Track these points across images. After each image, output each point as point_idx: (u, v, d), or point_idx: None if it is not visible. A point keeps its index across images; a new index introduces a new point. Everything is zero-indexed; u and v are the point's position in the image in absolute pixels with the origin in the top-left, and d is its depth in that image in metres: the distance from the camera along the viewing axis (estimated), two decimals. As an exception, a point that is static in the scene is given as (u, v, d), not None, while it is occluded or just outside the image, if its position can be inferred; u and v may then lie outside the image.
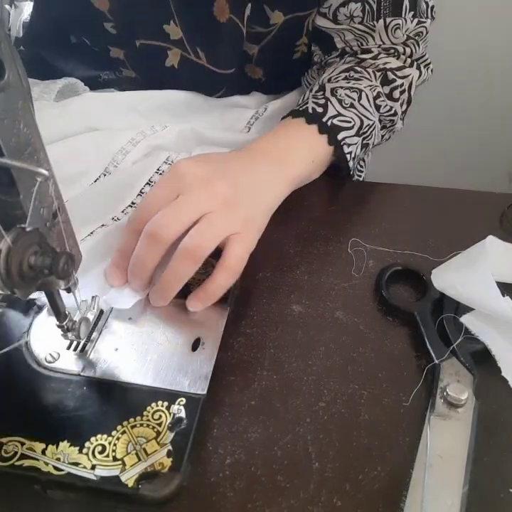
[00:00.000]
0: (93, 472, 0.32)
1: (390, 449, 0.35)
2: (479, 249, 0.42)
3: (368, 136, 0.54)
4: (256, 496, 0.32)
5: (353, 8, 0.54)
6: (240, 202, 0.42)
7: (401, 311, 0.42)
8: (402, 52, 0.56)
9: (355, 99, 0.52)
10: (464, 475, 0.32)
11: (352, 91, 0.53)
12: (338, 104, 0.51)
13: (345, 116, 0.51)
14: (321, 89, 0.54)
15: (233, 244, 0.40)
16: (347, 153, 0.51)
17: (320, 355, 0.40)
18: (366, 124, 0.53)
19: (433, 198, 0.54)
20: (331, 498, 0.32)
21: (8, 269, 0.26)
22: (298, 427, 0.36)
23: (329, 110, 0.51)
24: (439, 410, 0.36)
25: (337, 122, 0.51)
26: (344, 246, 0.48)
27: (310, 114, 0.51)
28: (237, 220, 0.41)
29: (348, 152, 0.52)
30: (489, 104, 1.15)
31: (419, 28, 0.57)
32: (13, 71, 0.26)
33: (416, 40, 0.57)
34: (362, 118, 0.52)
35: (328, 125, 0.50)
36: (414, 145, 1.24)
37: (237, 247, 0.40)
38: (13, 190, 0.28)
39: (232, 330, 0.41)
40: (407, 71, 0.57)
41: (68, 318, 0.37)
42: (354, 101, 0.52)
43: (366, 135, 0.53)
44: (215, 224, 0.39)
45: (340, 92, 0.52)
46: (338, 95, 0.52)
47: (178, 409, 0.35)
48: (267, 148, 0.48)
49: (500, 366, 0.38)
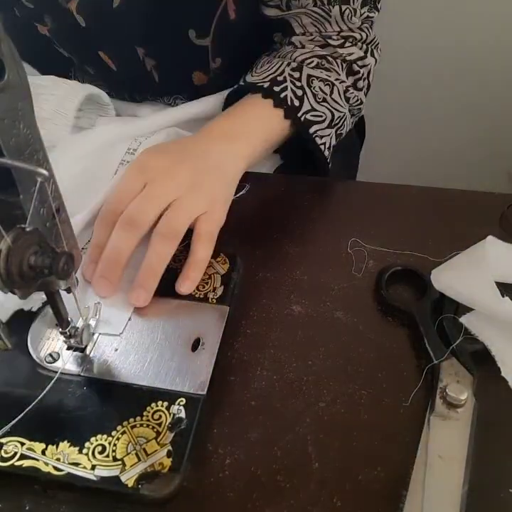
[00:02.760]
0: (93, 472, 0.32)
1: (389, 449, 0.35)
2: (479, 249, 0.42)
3: (341, 127, 0.58)
4: (256, 496, 0.32)
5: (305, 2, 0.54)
6: (202, 184, 0.45)
7: (401, 311, 0.42)
8: (359, 38, 0.58)
9: (327, 94, 0.56)
10: (464, 475, 0.32)
11: (325, 84, 0.56)
12: (313, 98, 0.55)
13: (317, 111, 0.55)
14: (298, 70, 0.55)
15: (202, 223, 0.44)
16: (320, 144, 0.56)
17: (320, 355, 0.40)
18: (337, 116, 0.57)
19: (433, 198, 0.54)
20: (331, 498, 0.32)
21: (8, 269, 0.26)
22: (298, 427, 0.36)
23: (304, 105, 0.54)
24: (439, 410, 0.36)
25: (310, 117, 0.54)
26: (344, 246, 0.48)
27: (288, 106, 0.53)
28: (202, 200, 0.45)
29: (322, 143, 0.56)
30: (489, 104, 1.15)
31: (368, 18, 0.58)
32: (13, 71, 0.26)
33: (368, 23, 0.58)
34: (333, 111, 0.56)
35: (302, 121, 0.54)
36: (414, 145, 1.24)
37: (206, 224, 0.44)
38: (13, 190, 0.28)
39: (232, 330, 0.41)
40: (367, 61, 0.59)
41: (71, 325, 0.37)
42: (326, 95, 0.56)
43: (338, 126, 0.58)
44: (183, 208, 0.43)
45: (315, 84, 0.55)
46: (313, 88, 0.55)
47: (178, 410, 0.35)
48: (224, 129, 0.52)
49: (500, 366, 0.38)
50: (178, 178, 0.44)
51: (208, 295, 0.42)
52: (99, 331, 0.40)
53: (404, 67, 1.11)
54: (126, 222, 0.41)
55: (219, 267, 0.45)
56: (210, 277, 0.44)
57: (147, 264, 0.41)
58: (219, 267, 0.45)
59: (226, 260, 0.45)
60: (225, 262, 0.45)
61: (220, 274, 0.44)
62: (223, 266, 0.45)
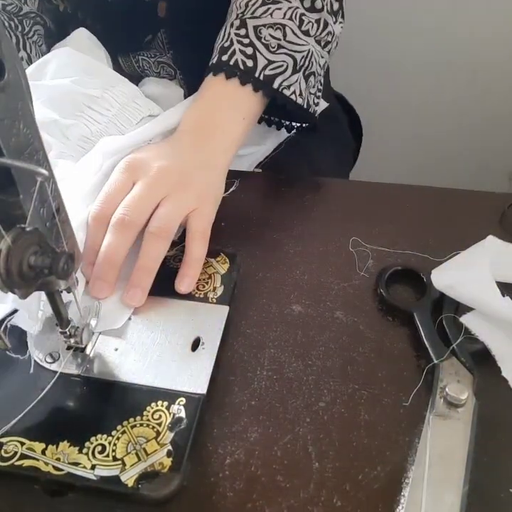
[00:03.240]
0: (93, 472, 0.32)
1: (390, 449, 0.35)
2: (479, 249, 0.42)
3: (309, 66, 0.53)
4: (256, 496, 0.32)
5: None
6: (190, 180, 0.45)
7: (401, 311, 0.42)
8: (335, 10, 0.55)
9: (280, 39, 0.51)
10: (464, 475, 0.32)
11: (275, 28, 0.51)
12: (266, 49, 0.51)
13: (276, 62, 0.51)
14: (242, 27, 0.51)
15: (194, 220, 0.44)
16: (290, 94, 0.52)
17: (320, 355, 0.40)
18: (300, 57, 0.52)
19: (433, 198, 0.54)
20: (331, 498, 0.32)
21: (8, 269, 0.26)
22: (298, 427, 0.36)
23: (259, 61, 0.50)
24: (439, 410, 0.36)
25: (269, 72, 0.51)
26: (344, 246, 0.48)
27: (242, 71, 0.50)
28: (191, 197, 0.45)
29: (292, 93, 0.52)
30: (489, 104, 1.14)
31: None
32: (13, 71, 0.26)
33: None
34: (293, 54, 0.52)
35: (262, 79, 0.50)
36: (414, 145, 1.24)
37: (197, 220, 0.45)
38: (13, 190, 0.28)
39: (232, 330, 0.41)
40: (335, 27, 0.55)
41: (71, 324, 0.37)
42: (280, 41, 0.51)
43: (306, 66, 0.53)
44: (173, 206, 0.43)
45: (264, 34, 0.51)
46: (263, 38, 0.51)
47: (177, 409, 0.35)
48: (200, 125, 0.50)
49: (500, 366, 0.37)
50: (166, 177, 0.44)
51: (207, 295, 0.42)
52: (99, 330, 0.40)
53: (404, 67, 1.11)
54: (119, 223, 0.42)
55: (219, 267, 0.45)
56: (210, 277, 0.44)
57: (141, 264, 0.42)
58: (219, 266, 0.45)
59: (226, 260, 0.45)
60: (225, 261, 0.45)
61: (220, 274, 0.44)
62: (223, 266, 0.45)
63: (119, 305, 0.41)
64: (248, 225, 0.50)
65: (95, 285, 0.41)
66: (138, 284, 0.41)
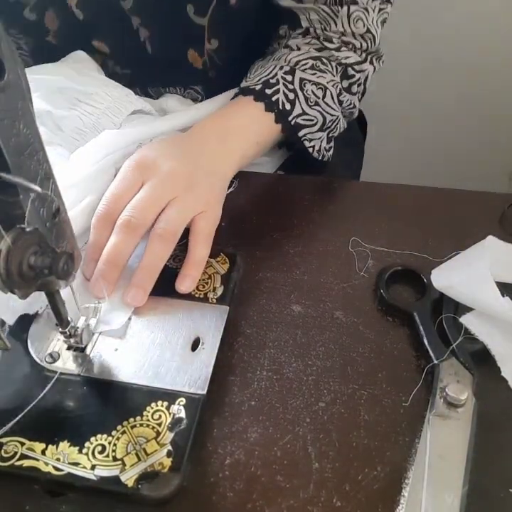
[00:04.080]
0: (93, 472, 0.32)
1: (389, 449, 0.35)
2: (479, 249, 0.42)
3: (333, 130, 0.59)
4: (256, 496, 0.32)
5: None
6: (198, 184, 0.46)
7: (401, 311, 0.42)
8: (358, 46, 0.59)
9: (319, 97, 0.56)
10: (464, 475, 0.32)
11: (318, 88, 0.56)
12: (304, 101, 0.55)
13: (308, 115, 0.55)
14: (290, 73, 0.55)
15: (200, 223, 0.45)
16: (308, 147, 0.57)
17: (320, 355, 0.40)
18: (329, 119, 0.57)
19: (433, 198, 0.54)
20: (330, 498, 0.32)
21: (8, 269, 0.26)
22: (298, 427, 0.36)
23: (296, 109, 0.54)
24: (439, 410, 0.36)
25: (300, 121, 0.55)
26: (344, 246, 0.48)
27: (280, 110, 0.54)
28: (199, 200, 0.45)
29: (310, 146, 0.57)
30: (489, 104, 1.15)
31: (382, 15, 0.59)
32: (13, 71, 0.26)
33: (373, 35, 0.59)
34: (325, 115, 0.57)
35: (292, 124, 0.54)
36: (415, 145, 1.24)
37: (203, 223, 0.45)
38: (13, 190, 0.28)
39: (232, 330, 0.41)
40: (364, 66, 0.59)
41: (70, 324, 0.37)
42: (319, 99, 0.56)
43: (331, 129, 0.59)
44: (180, 209, 0.44)
45: (307, 88, 0.56)
46: (305, 91, 0.55)
47: (177, 410, 0.35)
48: (217, 129, 0.52)
49: (500, 366, 0.38)
50: (175, 179, 0.45)
51: (207, 295, 0.42)
52: (98, 331, 0.40)
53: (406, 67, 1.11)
54: (125, 225, 0.42)
55: (219, 267, 0.45)
56: (210, 277, 0.44)
57: (144, 265, 0.42)
58: (219, 266, 0.45)
59: (226, 260, 0.45)
60: (225, 261, 0.45)
61: (220, 274, 0.44)
62: (223, 266, 0.45)
63: (118, 305, 0.41)
64: (248, 225, 0.50)
65: (96, 284, 0.41)
66: (140, 284, 0.41)
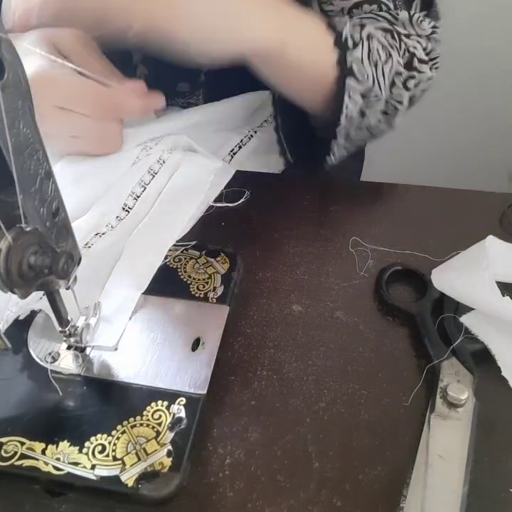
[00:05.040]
0: (93, 472, 0.32)
1: (390, 449, 0.35)
2: (479, 249, 0.42)
3: (368, 106, 0.51)
4: (256, 496, 0.32)
5: (368, 10, 0.52)
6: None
7: (401, 311, 0.42)
8: (424, 47, 0.54)
9: (381, 59, 0.50)
10: (464, 475, 0.32)
11: (383, 50, 0.50)
12: (367, 52, 0.49)
13: (364, 68, 0.49)
14: (358, 25, 0.50)
15: None
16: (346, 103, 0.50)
17: (320, 355, 0.40)
18: (374, 93, 0.50)
19: (433, 197, 0.54)
20: (331, 498, 0.32)
21: (8, 268, 0.26)
22: (298, 427, 0.36)
23: (357, 51, 0.49)
24: (439, 410, 0.36)
25: (355, 68, 0.49)
26: (344, 246, 0.48)
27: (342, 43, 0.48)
28: None
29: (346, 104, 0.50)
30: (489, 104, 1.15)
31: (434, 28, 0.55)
32: (13, 71, 0.26)
33: (436, 39, 0.55)
34: (376, 82, 0.50)
35: (348, 62, 0.48)
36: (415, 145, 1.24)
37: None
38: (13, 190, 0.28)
39: (232, 330, 0.41)
40: (425, 68, 0.54)
41: (70, 324, 0.37)
42: (379, 60, 0.50)
43: (368, 102, 0.51)
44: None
45: (374, 44, 0.50)
46: (371, 45, 0.50)
47: (178, 409, 0.35)
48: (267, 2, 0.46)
49: (500, 366, 0.38)
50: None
51: (208, 295, 0.42)
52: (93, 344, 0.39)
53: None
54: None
55: (219, 267, 0.45)
56: (210, 277, 0.44)
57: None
58: (219, 266, 0.45)
59: (226, 260, 0.45)
60: (225, 261, 0.45)
61: (220, 274, 0.44)
62: (223, 265, 0.45)
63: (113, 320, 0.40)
64: (248, 225, 0.50)
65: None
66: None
